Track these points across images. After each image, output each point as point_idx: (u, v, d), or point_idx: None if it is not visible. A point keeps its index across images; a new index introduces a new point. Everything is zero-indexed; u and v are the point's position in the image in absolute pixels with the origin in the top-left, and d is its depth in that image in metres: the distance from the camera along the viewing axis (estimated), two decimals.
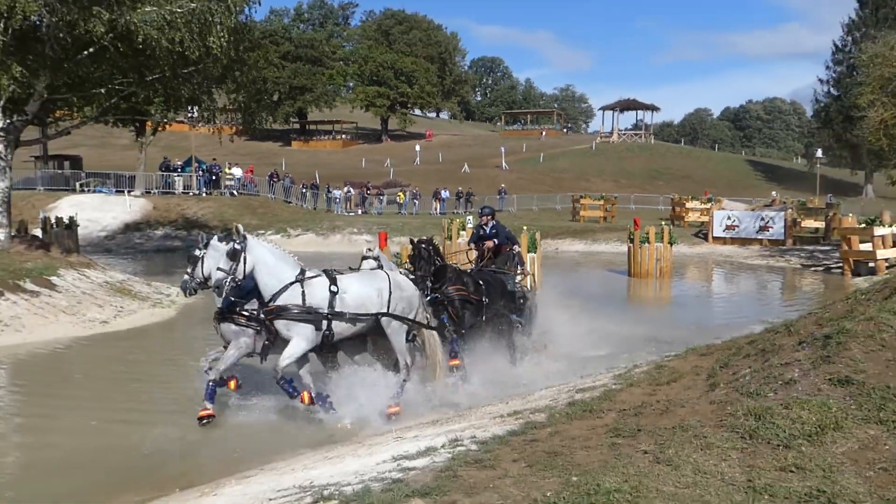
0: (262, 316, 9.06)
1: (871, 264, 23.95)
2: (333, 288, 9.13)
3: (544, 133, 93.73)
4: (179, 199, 42.00)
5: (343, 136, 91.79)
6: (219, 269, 8.78)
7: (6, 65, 16.73)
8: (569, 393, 8.44)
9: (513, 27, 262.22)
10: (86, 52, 18.55)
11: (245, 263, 8.85)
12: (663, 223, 26.93)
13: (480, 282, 11.32)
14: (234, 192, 44.29)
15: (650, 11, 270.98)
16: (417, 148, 77.21)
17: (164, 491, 7.11)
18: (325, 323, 9.06)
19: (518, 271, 13.10)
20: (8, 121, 18.80)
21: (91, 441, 8.70)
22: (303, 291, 8.96)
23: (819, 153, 50.14)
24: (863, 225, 25.11)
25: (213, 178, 44.76)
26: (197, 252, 9.08)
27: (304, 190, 46.33)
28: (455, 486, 4.89)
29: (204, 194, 43.16)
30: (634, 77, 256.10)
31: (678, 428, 5.52)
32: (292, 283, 8.98)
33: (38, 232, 22.57)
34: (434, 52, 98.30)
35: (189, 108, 27.23)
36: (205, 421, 8.98)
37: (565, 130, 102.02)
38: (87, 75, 20.14)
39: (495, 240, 12.87)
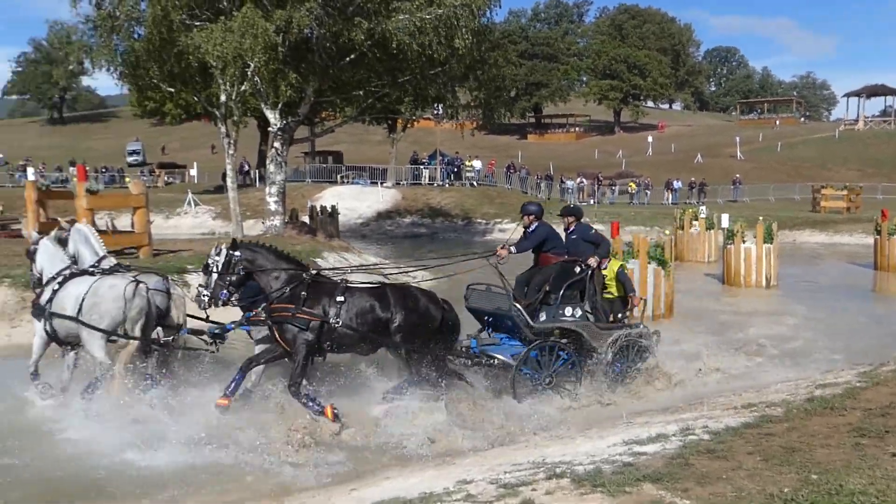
0: None
1: None
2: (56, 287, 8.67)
3: (778, 122, 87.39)
4: (425, 189, 43.75)
5: (576, 128, 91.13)
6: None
7: (284, 73, 18.20)
8: (807, 388, 7.90)
9: (749, 15, 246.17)
10: (347, 59, 19.78)
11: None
12: None
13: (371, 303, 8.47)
14: (474, 183, 45.39)
15: None
16: (650, 139, 75.02)
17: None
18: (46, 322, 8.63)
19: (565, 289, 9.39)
20: (284, 121, 20.48)
21: None
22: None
23: None
24: None
25: (456, 170, 46.23)
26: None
27: (538, 181, 46.56)
28: (687, 474, 4.75)
29: (447, 185, 44.64)
30: (884, 61, 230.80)
31: None
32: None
33: (306, 219, 24.43)
34: (667, 45, 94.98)
35: (435, 105, 28.24)
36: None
37: (803, 119, 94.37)
38: (348, 79, 21.51)
39: (512, 247, 9.71)
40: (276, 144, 20.77)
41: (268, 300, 8.20)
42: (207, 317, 8.74)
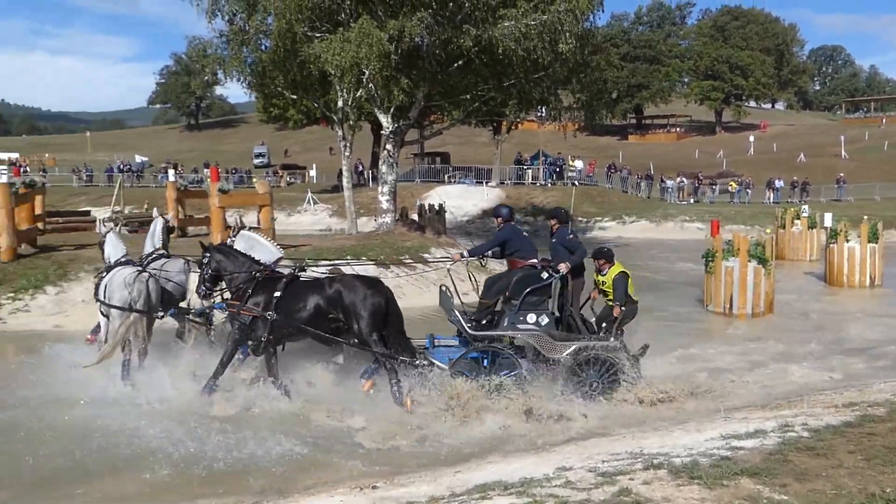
0: None
1: None
2: None
3: (885, 121, 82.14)
4: (528, 188, 43.56)
5: (677, 129, 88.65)
6: None
7: (397, 79, 18.45)
8: None
9: (856, 13, 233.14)
10: (455, 65, 19.89)
11: None
12: None
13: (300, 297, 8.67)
14: (576, 183, 44.85)
15: None
16: (751, 138, 72.10)
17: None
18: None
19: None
20: (395, 125, 20.79)
21: None
22: None
23: None
24: None
25: (558, 170, 45.81)
26: None
27: (638, 180, 45.60)
28: (785, 470, 4.57)
29: (549, 185, 44.29)
30: None
31: None
32: None
33: (415, 216, 24.74)
34: (771, 45, 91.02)
35: (538, 108, 28.02)
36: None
37: None
38: (456, 84, 21.62)
39: (465, 252, 9.92)
40: (388, 146, 21.11)
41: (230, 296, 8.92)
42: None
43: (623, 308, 9.02)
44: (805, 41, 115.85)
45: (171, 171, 17.72)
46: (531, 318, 8.56)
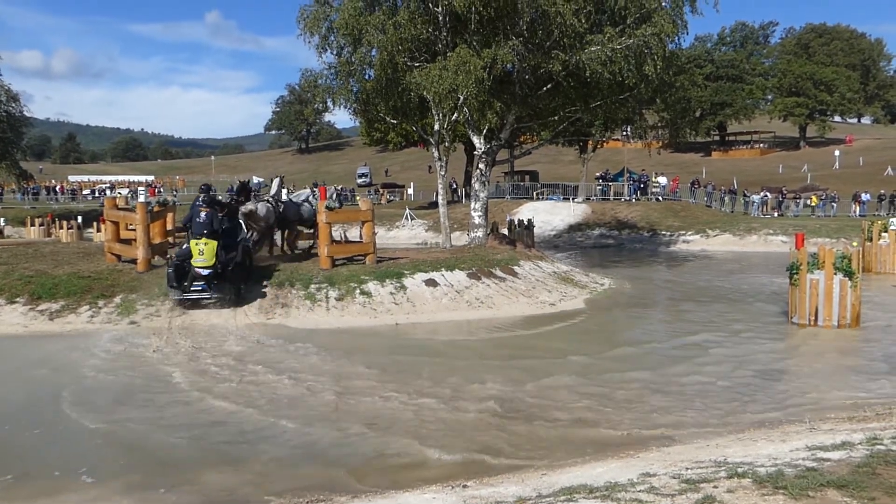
0: None
1: None
2: None
3: None
4: (613, 204, 42.81)
5: (761, 144, 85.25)
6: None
7: (490, 103, 18.53)
8: None
9: None
10: (544, 88, 19.81)
11: None
12: None
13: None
14: (660, 198, 43.81)
15: None
16: (836, 153, 68.57)
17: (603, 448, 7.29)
18: None
19: None
20: (488, 146, 20.86)
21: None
22: None
23: None
24: None
25: (642, 185, 44.86)
26: None
27: (722, 195, 44.08)
28: (874, 484, 4.30)
29: (633, 200, 43.41)
30: None
31: None
32: None
33: (505, 231, 24.69)
34: (856, 60, 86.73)
35: (623, 127, 27.57)
36: None
37: None
38: (545, 106, 21.52)
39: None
40: (481, 166, 21.19)
41: None
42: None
43: None
44: (893, 55, 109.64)
45: (283, 191, 18.41)
46: None
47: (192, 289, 13.06)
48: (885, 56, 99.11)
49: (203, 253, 12.82)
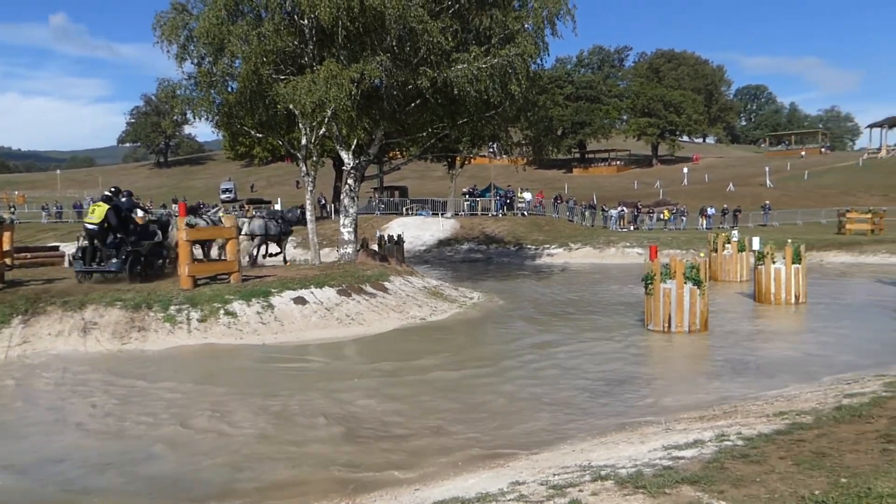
0: None
1: None
2: None
3: (804, 153, 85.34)
4: (481, 219, 43.83)
5: (617, 162, 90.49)
6: None
7: (359, 118, 18.50)
8: (836, 397, 7.63)
9: (778, 56, 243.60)
10: (413, 104, 20.04)
11: None
12: None
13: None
14: (525, 213, 45.31)
15: None
16: (685, 170, 73.97)
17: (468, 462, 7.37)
18: None
19: None
20: (356, 161, 20.80)
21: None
22: None
23: None
24: None
25: (508, 201, 46.25)
26: None
27: (583, 210, 46.29)
28: (722, 477, 4.64)
29: (500, 215, 44.65)
30: None
31: None
32: None
33: (375, 247, 24.68)
34: (701, 84, 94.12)
35: (490, 144, 28.33)
36: None
37: (822, 150, 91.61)
38: (413, 122, 21.75)
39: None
40: (350, 181, 21.09)
41: None
42: None
43: None
44: (732, 81, 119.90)
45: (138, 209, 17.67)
46: None
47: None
48: (725, 81, 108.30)
49: (94, 213, 15.38)
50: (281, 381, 10.57)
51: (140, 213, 17.23)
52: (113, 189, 16.21)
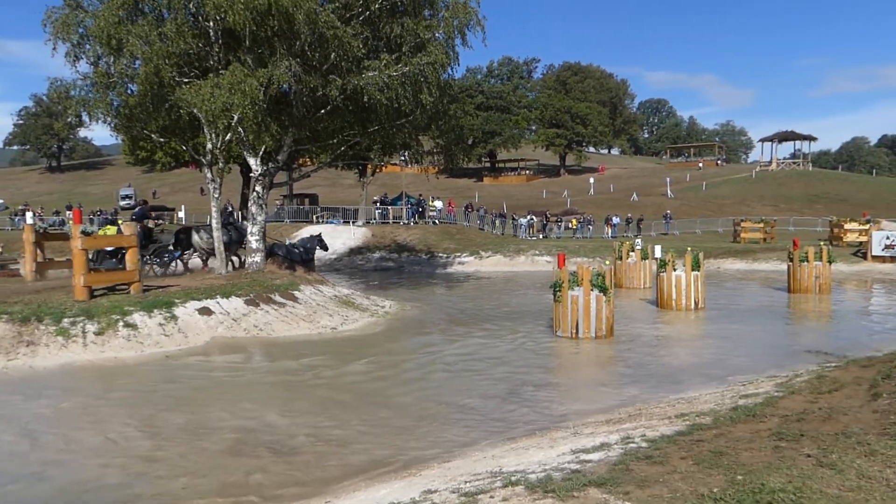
0: None
1: None
2: None
3: (701, 164, 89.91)
4: (392, 227, 43.76)
5: (527, 171, 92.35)
6: None
7: (266, 124, 18.10)
8: (732, 398, 8.00)
9: (679, 72, 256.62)
10: (323, 111, 19.80)
11: None
12: (822, 243, 24.83)
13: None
14: (437, 221, 45.54)
15: (809, 50, 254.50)
16: (591, 180, 76.27)
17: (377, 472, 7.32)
18: None
19: None
20: (265, 168, 20.36)
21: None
22: None
23: None
24: None
25: (420, 209, 46.38)
26: None
27: (493, 218, 46.93)
28: (628, 479, 4.77)
29: (412, 223, 44.72)
30: (793, 110, 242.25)
31: (841, 434, 5.10)
32: None
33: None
34: (606, 97, 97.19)
35: (401, 152, 28.31)
36: None
37: (718, 162, 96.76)
38: (324, 129, 21.50)
39: None
40: (258, 188, 20.63)
41: None
42: None
43: None
44: (635, 94, 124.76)
45: (28, 214, 16.49)
46: None
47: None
48: (629, 95, 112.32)
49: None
50: (182, 395, 10.21)
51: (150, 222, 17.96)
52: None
